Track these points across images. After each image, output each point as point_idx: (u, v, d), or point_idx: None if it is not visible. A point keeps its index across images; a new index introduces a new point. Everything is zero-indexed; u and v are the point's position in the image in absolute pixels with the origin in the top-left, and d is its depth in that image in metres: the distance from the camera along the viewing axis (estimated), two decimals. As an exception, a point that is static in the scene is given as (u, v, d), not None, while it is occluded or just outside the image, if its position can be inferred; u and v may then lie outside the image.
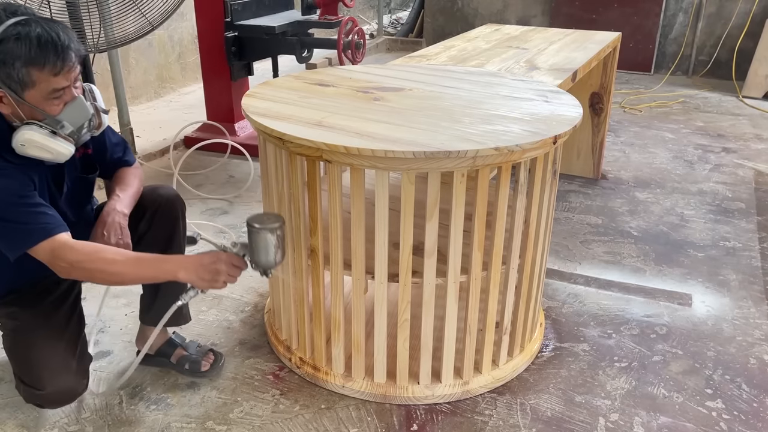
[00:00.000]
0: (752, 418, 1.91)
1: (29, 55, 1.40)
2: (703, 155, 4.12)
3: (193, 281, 1.54)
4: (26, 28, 1.40)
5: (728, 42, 5.99)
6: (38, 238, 1.48)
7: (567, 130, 1.76)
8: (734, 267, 2.75)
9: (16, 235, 1.48)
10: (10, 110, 1.48)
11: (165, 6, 2.48)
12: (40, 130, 1.48)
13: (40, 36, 1.41)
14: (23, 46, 1.39)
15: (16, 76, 1.42)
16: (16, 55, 1.40)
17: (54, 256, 1.48)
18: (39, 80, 1.44)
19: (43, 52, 1.41)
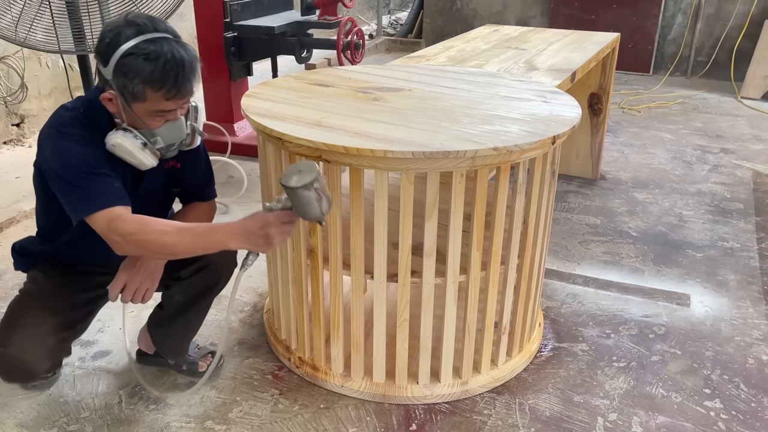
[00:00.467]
0: (750, 418, 1.91)
1: (151, 75, 1.45)
2: (701, 156, 4.13)
3: (246, 248, 1.52)
4: (157, 48, 1.45)
5: (727, 43, 5.99)
6: (97, 206, 1.49)
7: (566, 130, 1.77)
8: (732, 267, 2.76)
9: (79, 199, 1.51)
10: (115, 110, 1.55)
11: (164, 6, 2.49)
12: (134, 140, 1.55)
13: (168, 61, 1.45)
14: (148, 65, 1.44)
15: (132, 88, 1.47)
16: (139, 72, 1.45)
17: (109, 228, 1.50)
18: (150, 99, 1.50)
19: (164, 78, 1.46)
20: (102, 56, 1.49)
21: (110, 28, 1.49)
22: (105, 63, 1.48)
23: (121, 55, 1.45)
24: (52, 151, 1.53)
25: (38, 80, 4.09)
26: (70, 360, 2.12)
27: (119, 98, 1.51)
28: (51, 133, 1.53)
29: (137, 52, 1.45)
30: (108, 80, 1.49)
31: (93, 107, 1.58)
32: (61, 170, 1.52)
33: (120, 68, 1.46)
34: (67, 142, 1.52)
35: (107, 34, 1.48)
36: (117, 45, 1.45)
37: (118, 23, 1.49)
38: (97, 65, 1.54)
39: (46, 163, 1.55)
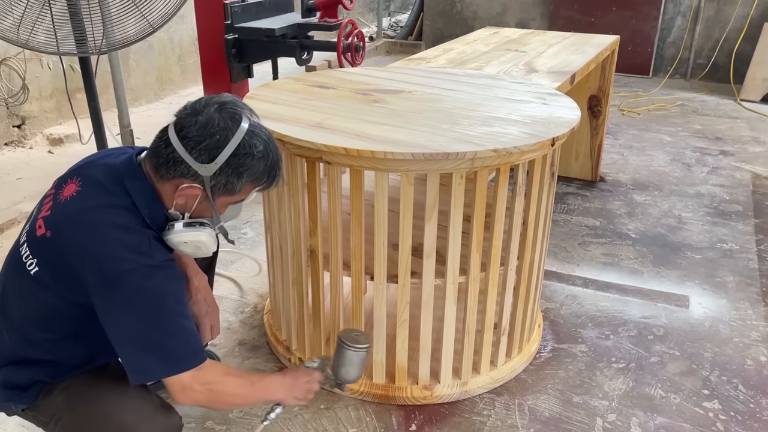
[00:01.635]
0: (748, 419, 1.92)
1: (259, 175, 1.35)
2: (700, 158, 4.14)
3: (287, 400, 1.50)
4: (262, 144, 1.33)
5: (726, 45, 6.00)
6: (195, 360, 1.29)
7: (565, 132, 1.78)
8: (731, 269, 2.77)
9: (163, 353, 1.26)
10: (182, 202, 1.35)
11: (165, 8, 2.49)
12: (212, 232, 1.40)
13: (274, 158, 1.36)
14: (261, 165, 1.33)
15: (234, 185, 1.33)
16: (251, 172, 1.33)
17: (190, 386, 1.29)
18: (245, 193, 1.38)
19: (269, 177, 1.37)
20: (207, 153, 1.28)
21: (217, 120, 1.29)
22: (209, 160, 1.29)
23: (232, 154, 1.29)
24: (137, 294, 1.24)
25: (39, 82, 4.10)
26: (71, 360, 2.12)
27: (206, 193, 1.33)
28: (132, 270, 1.23)
29: (249, 151, 1.31)
30: (198, 176, 1.30)
31: (155, 209, 1.35)
32: (146, 318, 1.25)
33: (231, 167, 1.30)
34: (157, 281, 1.26)
35: (215, 127, 1.28)
36: (226, 142, 1.29)
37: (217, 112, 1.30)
38: (171, 155, 1.30)
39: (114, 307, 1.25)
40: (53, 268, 1.28)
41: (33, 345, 1.38)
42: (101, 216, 1.27)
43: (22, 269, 1.32)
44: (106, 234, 1.25)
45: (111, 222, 1.27)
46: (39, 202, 1.42)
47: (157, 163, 1.32)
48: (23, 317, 1.36)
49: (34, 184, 3.49)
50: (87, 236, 1.25)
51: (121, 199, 1.31)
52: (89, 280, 1.24)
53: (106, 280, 1.23)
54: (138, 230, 1.28)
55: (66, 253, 1.26)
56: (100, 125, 2.73)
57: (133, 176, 1.34)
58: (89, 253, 1.24)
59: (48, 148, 4.06)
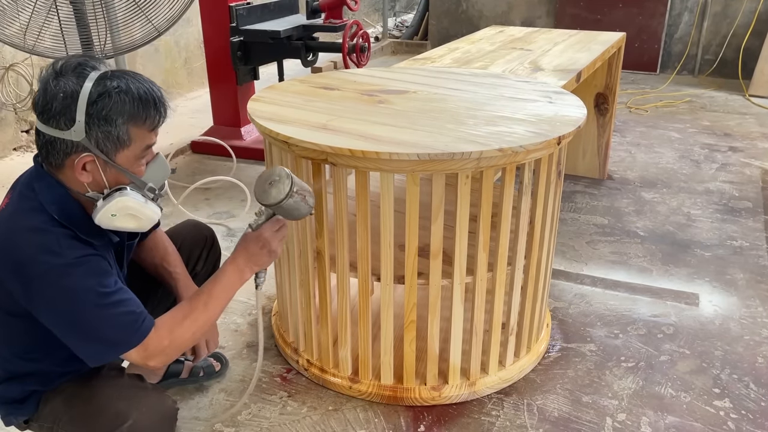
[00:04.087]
0: (760, 417, 1.90)
1: (132, 110, 1.28)
2: (709, 154, 4.11)
3: (257, 269, 1.52)
4: (122, 82, 1.28)
5: (734, 41, 5.97)
6: (133, 341, 1.31)
7: (571, 130, 1.77)
8: (741, 266, 2.75)
9: (108, 341, 1.29)
10: (89, 179, 1.30)
11: (171, 12, 2.51)
12: (136, 195, 1.33)
13: (139, 89, 1.29)
14: (127, 100, 1.27)
15: (116, 134, 1.27)
16: (119, 110, 1.26)
17: (147, 354, 1.32)
18: (136, 138, 1.31)
19: (145, 107, 1.30)
20: (63, 116, 1.24)
21: (53, 84, 1.25)
22: (70, 122, 1.24)
23: (88, 102, 1.24)
24: (56, 294, 1.25)
25: (47, 87, 4.12)
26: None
27: (99, 156, 1.28)
28: (46, 272, 1.24)
29: (107, 90, 1.26)
30: (76, 143, 1.26)
31: (63, 202, 1.31)
32: (76, 312, 1.26)
33: (96, 116, 1.25)
34: (71, 278, 1.25)
35: (56, 90, 1.24)
36: (74, 97, 1.24)
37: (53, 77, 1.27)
38: (44, 140, 1.28)
39: (42, 309, 1.27)
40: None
41: (9, 361, 1.42)
42: (14, 222, 1.28)
43: None
44: (18, 239, 1.26)
45: (22, 226, 1.27)
46: None
47: (43, 156, 1.31)
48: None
49: (43, 188, 3.50)
50: (3, 245, 1.27)
51: (32, 202, 1.30)
52: (14, 287, 1.26)
53: (25, 285, 1.25)
54: (48, 230, 1.26)
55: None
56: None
57: (38, 177, 1.33)
58: (7, 261, 1.26)
59: (56, 153, 4.07)
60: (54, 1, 2.38)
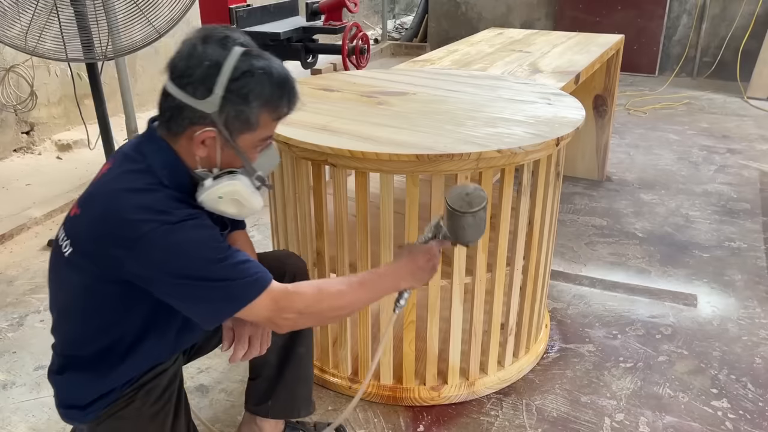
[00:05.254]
0: (758, 417, 1.91)
1: (270, 95, 1.22)
2: (708, 156, 4.13)
3: (413, 286, 1.43)
4: (266, 63, 1.22)
5: (732, 43, 5.98)
6: (256, 290, 1.23)
7: (569, 132, 1.78)
8: (739, 267, 2.76)
9: (224, 294, 1.21)
10: (205, 154, 1.24)
11: (171, 14, 2.51)
12: (246, 182, 1.27)
13: (280, 75, 1.23)
14: (267, 84, 1.21)
15: (247, 115, 1.21)
16: (258, 93, 1.20)
17: (278, 308, 1.25)
18: (264, 124, 1.24)
19: (281, 95, 1.24)
20: (202, 85, 1.18)
21: (200, 50, 1.19)
22: (207, 92, 1.18)
23: (230, 77, 1.18)
24: (165, 253, 1.17)
25: (47, 88, 4.13)
26: (81, 364, 2.14)
27: (222, 134, 1.21)
28: (153, 230, 1.16)
29: (251, 69, 1.19)
30: (205, 115, 1.19)
31: (173, 167, 1.25)
32: (188, 272, 1.18)
33: (233, 93, 1.18)
34: (181, 234, 1.18)
35: (202, 56, 1.18)
36: (218, 68, 1.18)
37: (200, 42, 1.20)
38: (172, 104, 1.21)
39: (151, 270, 1.18)
40: (83, 246, 1.23)
41: (78, 339, 1.31)
42: (118, 183, 1.22)
43: (59, 254, 1.27)
44: (124, 199, 1.19)
45: (127, 187, 1.20)
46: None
47: (165, 119, 1.24)
48: (66, 307, 1.31)
49: (43, 190, 3.52)
50: (107, 205, 1.19)
51: (139, 164, 1.24)
52: (118, 252, 1.18)
53: (132, 246, 1.16)
54: (155, 190, 1.21)
55: (93, 227, 1.21)
56: (108, 130, 2.76)
57: (150, 140, 1.27)
58: (110, 222, 1.18)
59: (56, 154, 4.09)
60: (55, 3, 2.39)
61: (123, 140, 3.88)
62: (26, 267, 2.74)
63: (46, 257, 2.79)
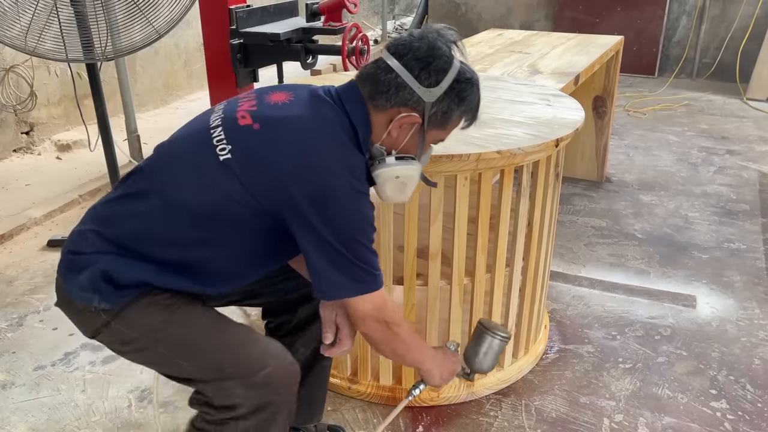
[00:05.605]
0: (756, 418, 1.92)
1: (472, 105, 1.31)
2: (707, 157, 4.13)
3: (433, 377, 1.46)
4: (477, 78, 1.32)
5: (732, 44, 5.99)
6: (377, 284, 1.26)
7: (569, 133, 1.78)
8: (739, 268, 2.76)
9: (357, 275, 1.23)
10: (396, 135, 1.28)
11: (171, 14, 2.51)
12: (420, 171, 1.33)
13: (479, 93, 1.33)
14: (475, 96, 1.31)
15: (450, 116, 1.28)
16: (469, 100, 1.29)
17: (377, 311, 1.27)
18: (451, 128, 1.32)
19: (477, 109, 1.34)
20: (435, 74, 1.23)
21: (441, 44, 1.26)
22: (435, 83, 1.23)
23: (455, 78, 1.25)
24: (340, 212, 1.18)
25: (47, 89, 4.13)
26: (81, 364, 2.14)
27: (422, 124, 1.27)
28: (343, 187, 1.18)
29: (472, 77, 1.29)
30: (420, 102, 1.24)
31: (367, 136, 1.28)
32: (344, 238, 1.19)
33: (454, 92, 1.26)
34: (360, 205, 1.22)
35: (442, 50, 1.25)
36: (450, 65, 1.25)
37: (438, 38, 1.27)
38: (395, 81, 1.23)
39: (316, 218, 1.17)
40: (250, 161, 1.18)
41: (171, 237, 1.21)
42: (322, 128, 1.21)
43: (208, 152, 1.20)
44: (327, 146, 1.19)
45: (333, 135, 1.21)
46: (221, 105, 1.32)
47: (375, 90, 1.25)
48: (184, 203, 1.20)
49: (43, 190, 3.52)
50: (304, 141, 1.18)
51: (342, 119, 1.25)
52: (293, 188, 1.16)
53: (314, 191, 1.16)
54: (355, 153, 1.24)
55: (274, 152, 1.17)
56: (108, 131, 2.76)
57: (353, 99, 1.27)
58: (303, 159, 1.17)
59: (56, 155, 4.09)
60: (55, 4, 2.39)
61: (123, 140, 3.88)
62: (26, 267, 2.74)
63: (45, 257, 2.80)
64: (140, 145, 3.92)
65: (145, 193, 1.23)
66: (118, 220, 1.24)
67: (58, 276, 1.27)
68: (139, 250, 1.21)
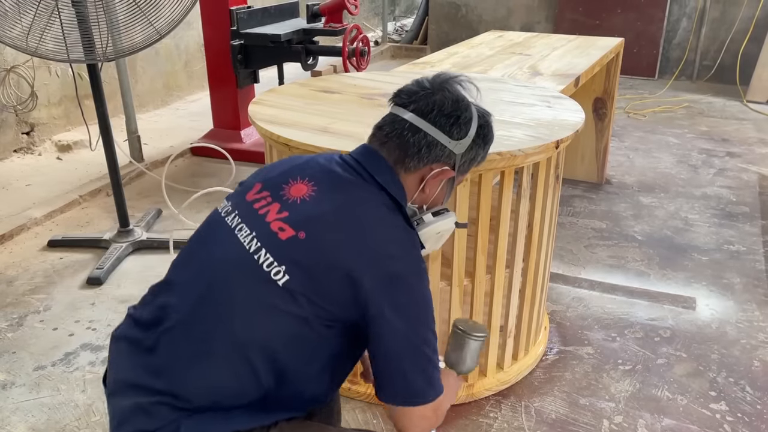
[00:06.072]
0: (756, 420, 1.92)
1: (491, 144, 1.29)
2: (707, 159, 4.13)
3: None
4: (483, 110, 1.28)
5: (732, 47, 5.99)
6: (437, 389, 1.14)
7: (569, 134, 1.78)
8: (738, 270, 2.76)
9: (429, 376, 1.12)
10: (432, 191, 1.24)
11: (172, 15, 2.52)
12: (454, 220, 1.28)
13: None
14: (492, 131, 1.29)
15: (478, 160, 1.27)
16: (491, 138, 1.28)
17: (436, 413, 1.16)
18: (471, 169, 1.30)
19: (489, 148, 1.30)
20: (465, 126, 1.21)
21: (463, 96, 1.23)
22: (464, 134, 1.21)
23: (479, 125, 1.23)
24: (413, 297, 1.10)
25: (48, 89, 4.14)
26: (81, 364, 2.14)
27: (453, 176, 1.24)
28: (410, 271, 1.10)
29: (489, 118, 1.27)
30: (450, 155, 1.21)
31: (403, 199, 1.21)
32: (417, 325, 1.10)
33: (481, 137, 1.24)
34: (425, 282, 1.13)
35: (464, 102, 1.22)
36: (473, 113, 1.23)
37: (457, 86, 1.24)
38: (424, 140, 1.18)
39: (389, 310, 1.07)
40: (310, 274, 1.07)
41: (248, 381, 1.08)
42: (367, 210, 1.13)
43: (263, 280, 1.08)
44: (381, 232, 1.11)
45: (380, 218, 1.13)
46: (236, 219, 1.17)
47: (404, 154, 1.19)
48: (253, 341, 1.08)
49: (43, 190, 3.52)
50: (357, 235, 1.09)
51: (379, 195, 1.16)
52: (361, 283, 1.06)
53: (382, 280, 1.07)
54: (405, 228, 1.16)
55: (330, 253, 1.07)
56: (109, 131, 2.76)
57: (382, 170, 1.19)
58: (363, 253, 1.08)
59: (56, 155, 4.09)
60: (56, 4, 2.40)
61: (123, 141, 3.89)
62: (26, 267, 2.75)
63: (45, 258, 2.80)
64: (140, 145, 3.93)
65: (197, 339, 1.10)
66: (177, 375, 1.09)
67: None
68: (215, 401, 1.09)
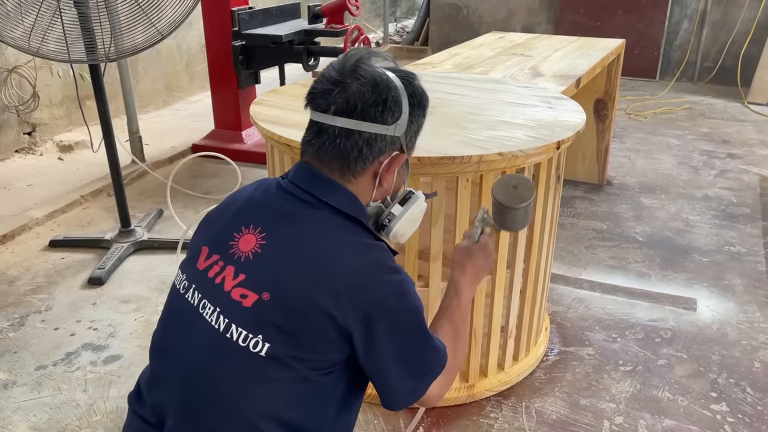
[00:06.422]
0: (756, 421, 1.92)
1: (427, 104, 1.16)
2: (708, 161, 4.13)
3: (478, 284, 1.35)
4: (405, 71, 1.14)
5: (733, 48, 5.99)
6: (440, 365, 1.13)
7: (570, 135, 1.79)
8: (739, 272, 2.76)
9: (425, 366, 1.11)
10: (391, 182, 1.15)
11: (174, 16, 2.52)
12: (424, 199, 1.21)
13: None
14: (426, 93, 1.15)
15: (421, 126, 1.15)
16: (426, 101, 1.15)
17: (450, 379, 1.16)
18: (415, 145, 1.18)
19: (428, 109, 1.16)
20: (396, 108, 1.08)
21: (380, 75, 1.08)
22: (398, 116, 1.09)
23: (409, 94, 1.10)
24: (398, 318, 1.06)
25: (49, 89, 4.14)
26: (82, 364, 2.15)
27: (406, 157, 1.14)
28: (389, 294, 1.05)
29: (414, 78, 1.12)
30: (397, 138, 1.10)
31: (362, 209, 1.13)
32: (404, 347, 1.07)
33: (416, 107, 1.12)
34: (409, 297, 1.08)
35: (382, 80, 1.07)
36: (398, 87, 1.09)
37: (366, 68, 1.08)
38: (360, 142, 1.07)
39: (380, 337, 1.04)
40: (289, 332, 1.01)
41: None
42: (325, 245, 1.04)
43: (244, 356, 1.01)
44: (344, 262, 1.03)
45: (341, 247, 1.05)
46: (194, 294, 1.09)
47: (346, 162, 1.09)
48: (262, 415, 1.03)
49: (45, 190, 3.53)
50: (322, 273, 1.02)
51: (335, 219, 1.07)
52: (344, 318, 1.01)
53: (357, 314, 1.01)
54: (370, 246, 1.07)
55: (301, 302, 1.01)
56: (110, 132, 2.77)
57: (331, 188, 1.09)
58: (331, 289, 1.01)
59: (58, 155, 4.10)
60: (58, 5, 2.40)
61: (125, 141, 3.89)
62: (27, 267, 2.75)
63: (47, 258, 2.80)
64: (142, 146, 3.93)
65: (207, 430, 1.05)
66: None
67: None
68: None
